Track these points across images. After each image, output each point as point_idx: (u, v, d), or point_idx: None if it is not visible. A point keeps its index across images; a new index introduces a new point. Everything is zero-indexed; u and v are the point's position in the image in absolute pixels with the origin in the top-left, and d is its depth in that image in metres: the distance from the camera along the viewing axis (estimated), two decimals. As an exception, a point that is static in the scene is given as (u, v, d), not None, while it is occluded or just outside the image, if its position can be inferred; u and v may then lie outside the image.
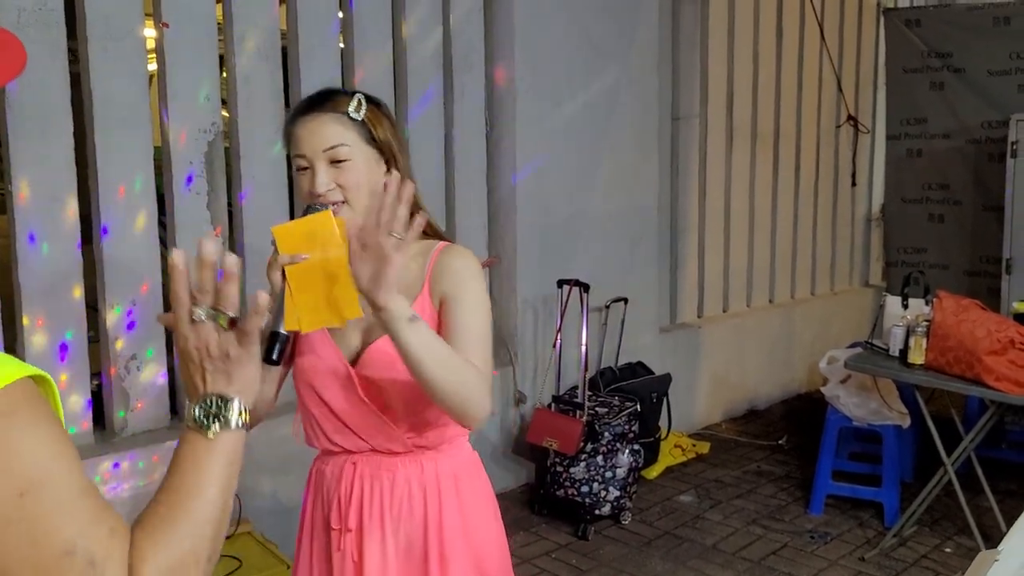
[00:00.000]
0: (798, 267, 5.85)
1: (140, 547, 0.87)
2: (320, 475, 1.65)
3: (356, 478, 1.57)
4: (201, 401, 0.96)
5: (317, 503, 1.64)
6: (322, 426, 1.59)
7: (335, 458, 1.60)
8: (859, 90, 6.10)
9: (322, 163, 1.48)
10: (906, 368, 3.42)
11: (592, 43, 4.18)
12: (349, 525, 1.57)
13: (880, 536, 3.70)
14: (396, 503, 1.57)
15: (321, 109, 1.51)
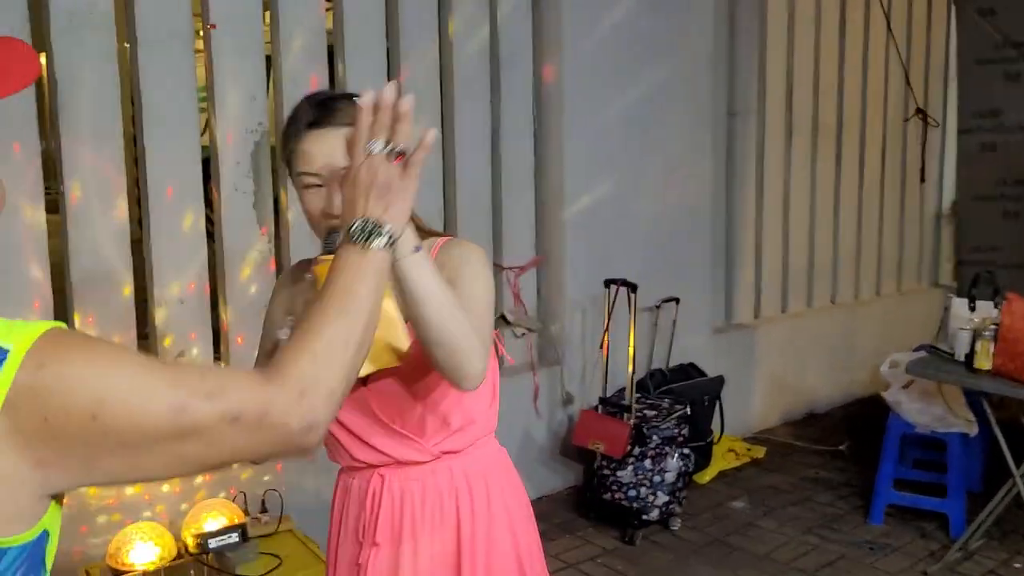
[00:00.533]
0: (862, 266, 5.66)
1: (286, 348, 0.95)
2: (346, 489, 1.62)
3: (385, 491, 1.53)
4: (360, 220, 1.08)
5: (346, 516, 1.61)
6: (343, 444, 1.55)
7: (361, 473, 1.57)
8: (928, 82, 5.87)
9: (340, 183, 1.32)
10: (972, 374, 3.25)
11: (642, 38, 4.09)
12: (377, 539, 1.54)
13: (944, 549, 3.54)
14: (429, 512, 1.54)
15: (332, 122, 1.38)
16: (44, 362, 0.80)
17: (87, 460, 0.83)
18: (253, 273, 3.31)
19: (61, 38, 2.87)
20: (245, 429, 0.87)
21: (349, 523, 1.58)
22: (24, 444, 0.79)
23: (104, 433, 0.81)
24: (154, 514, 3.01)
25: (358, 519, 1.56)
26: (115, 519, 2.95)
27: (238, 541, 2.77)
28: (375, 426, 1.51)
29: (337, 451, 1.59)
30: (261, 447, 0.90)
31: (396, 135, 1.14)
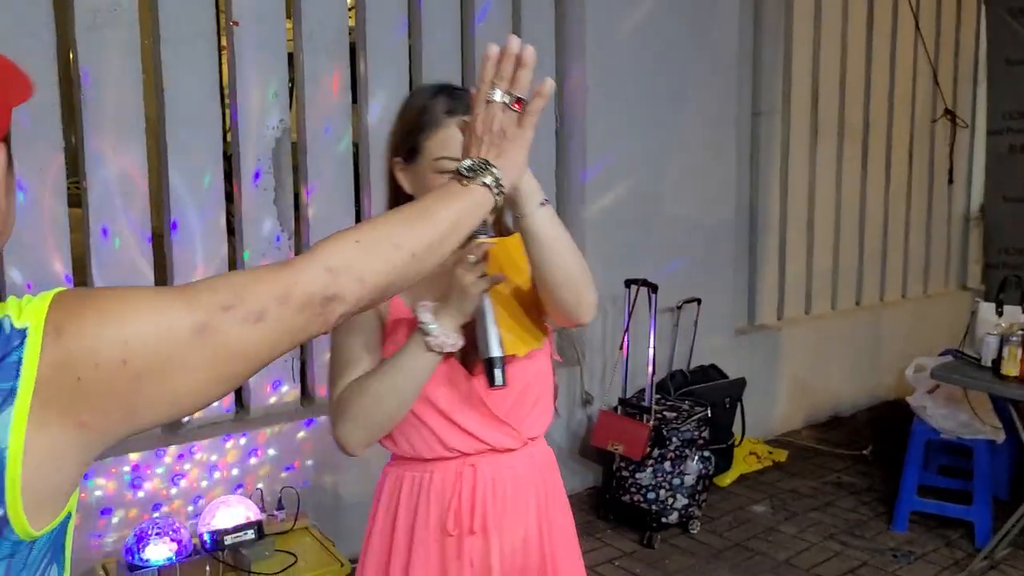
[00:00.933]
0: (888, 268, 5.58)
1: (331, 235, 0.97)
2: (418, 483, 1.55)
3: (479, 479, 1.54)
4: (471, 160, 1.15)
5: (422, 510, 1.55)
6: (436, 433, 1.52)
7: (446, 463, 1.54)
8: (957, 83, 5.78)
9: None
10: (998, 380, 3.19)
11: (666, 38, 4.05)
12: (475, 528, 1.53)
13: (969, 558, 3.47)
14: (519, 498, 1.56)
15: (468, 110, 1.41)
16: (61, 328, 0.80)
17: (128, 407, 0.83)
18: (273, 270, 3.31)
19: (85, 35, 2.88)
20: (273, 320, 0.88)
21: (431, 515, 1.54)
22: (64, 411, 0.80)
23: (137, 375, 0.82)
24: (170, 510, 3.02)
25: (446, 509, 1.53)
26: (131, 515, 2.96)
27: (254, 538, 2.77)
28: (476, 413, 1.52)
29: (420, 441, 1.53)
30: (293, 330, 0.90)
31: (516, 84, 1.18)
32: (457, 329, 1.41)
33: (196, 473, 3.10)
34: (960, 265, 6.08)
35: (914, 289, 5.76)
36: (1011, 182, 5.51)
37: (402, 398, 1.43)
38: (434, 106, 1.48)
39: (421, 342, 1.40)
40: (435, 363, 1.42)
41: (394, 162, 1.52)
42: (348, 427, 1.44)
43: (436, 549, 1.54)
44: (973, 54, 5.81)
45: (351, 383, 1.45)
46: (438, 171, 1.44)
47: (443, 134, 1.45)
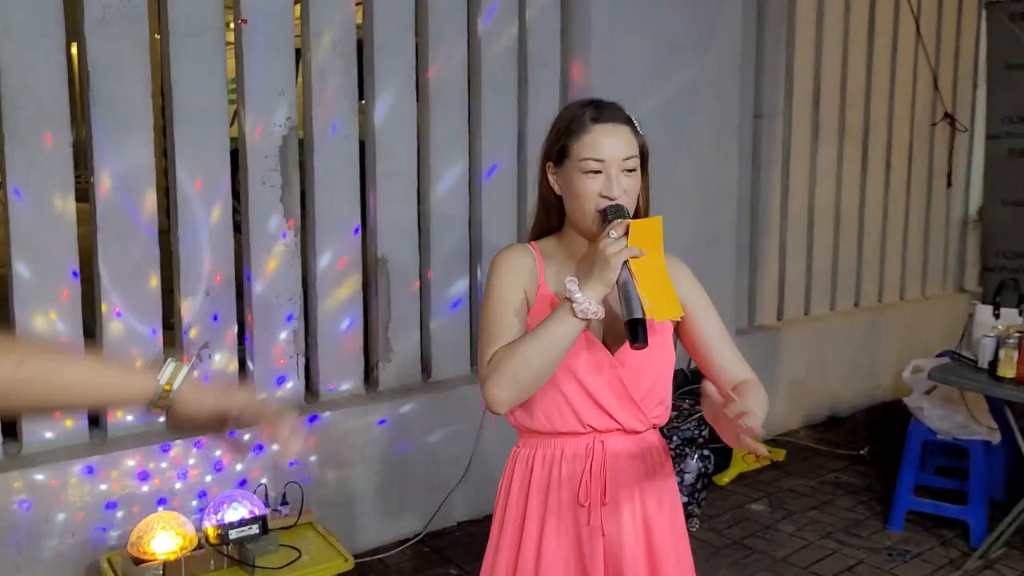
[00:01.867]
0: (887, 270, 5.62)
1: None
2: (550, 458, 1.69)
3: (608, 455, 1.67)
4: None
5: (554, 483, 1.69)
6: (575, 408, 1.66)
7: (578, 439, 1.68)
8: (957, 86, 5.82)
9: (616, 170, 1.63)
10: (995, 382, 3.23)
11: (671, 39, 4.07)
12: (607, 499, 1.67)
13: (964, 557, 3.51)
14: (642, 476, 1.70)
15: (623, 121, 1.67)
16: None
17: None
18: (279, 265, 3.34)
19: (95, 30, 2.90)
20: None
21: (563, 487, 1.68)
22: None
23: None
24: (175, 505, 3.04)
25: (577, 481, 1.67)
26: (136, 509, 2.98)
27: (258, 533, 2.80)
28: (615, 394, 1.66)
29: (559, 415, 1.66)
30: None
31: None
32: (600, 299, 1.54)
33: (201, 468, 3.12)
34: (958, 268, 6.12)
35: (912, 291, 5.80)
36: (1009, 186, 5.55)
37: (548, 359, 1.56)
38: (583, 114, 1.67)
39: (568, 309, 1.54)
40: (579, 329, 1.56)
41: (547, 166, 1.71)
42: (498, 386, 1.56)
43: (569, 518, 1.68)
44: (973, 58, 5.85)
45: (502, 347, 1.59)
46: (584, 171, 1.63)
47: (589, 138, 1.64)
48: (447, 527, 3.67)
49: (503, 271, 1.69)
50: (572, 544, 1.68)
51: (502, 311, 1.65)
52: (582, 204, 1.63)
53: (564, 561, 1.68)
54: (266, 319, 3.34)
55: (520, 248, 1.73)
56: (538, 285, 1.67)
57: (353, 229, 3.50)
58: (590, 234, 1.65)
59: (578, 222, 1.67)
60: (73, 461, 2.89)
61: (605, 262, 1.53)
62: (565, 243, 1.72)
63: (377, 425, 3.52)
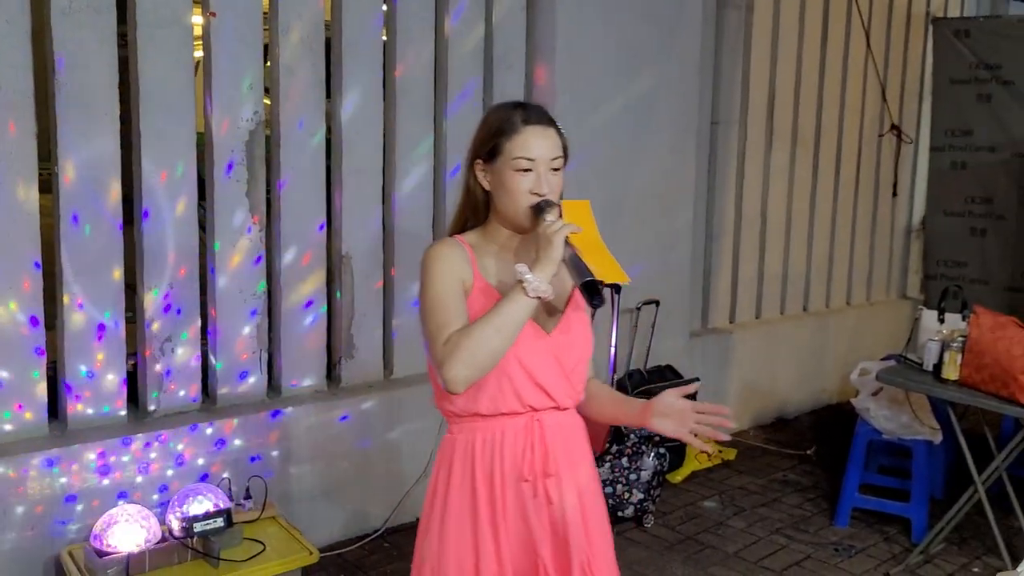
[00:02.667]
0: (834, 276, 5.79)
1: None
2: (490, 439, 1.78)
3: (547, 431, 1.80)
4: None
5: (497, 461, 1.78)
6: (517, 388, 1.76)
7: (516, 420, 1.78)
8: (904, 99, 6.02)
9: (545, 169, 1.74)
10: (939, 383, 3.37)
11: (633, 46, 4.16)
12: (550, 471, 1.78)
13: (906, 552, 3.66)
14: (575, 449, 1.84)
15: (550, 124, 1.78)
16: None
17: None
18: (243, 260, 3.33)
19: (61, 20, 2.87)
20: None
21: (506, 465, 1.78)
22: None
23: None
24: (136, 498, 3.02)
25: (520, 459, 1.78)
26: (96, 503, 2.96)
27: (223, 526, 2.80)
28: (551, 371, 1.78)
29: (501, 396, 1.76)
30: None
31: None
32: (549, 279, 1.66)
33: (162, 462, 3.11)
34: (901, 275, 6.32)
35: (858, 297, 5.98)
36: (951, 197, 5.77)
37: (504, 337, 1.66)
38: (514, 116, 1.77)
39: (520, 289, 1.65)
40: (532, 307, 1.67)
41: (475, 163, 1.80)
42: (457, 366, 1.63)
43: (515, 494, 1.79)
44: (919, 72, 6.05)
45: (456, 331, 1.66)
46: (516, 169, 1.73)
47: (521, 138, 1.74)
48: (407, 523, 3.69)
49: (441, 263, 1.76)
50: (520, 518, 1.79)
51: (447, 299, 1.72)
52: (514, 199, 1.74)
53: (516, 535, 1.79)
54: (229, 314, 3.34)
55: (451, 242, 1.81)
56: (473, 275, 1.77)
57: (318, 225, 3.51)
58: (519, 227, 1.77)
59: (509, 216, 1.77)
60: (32, 454, 2.86)
61: (548, 242, 1.65)
62: (491, 236, 1.82)
63: (339, 421, 3.54)
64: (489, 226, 1.83)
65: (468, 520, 1.79)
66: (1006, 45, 5.37)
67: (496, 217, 1.81)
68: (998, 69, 5.41)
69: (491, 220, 1.82)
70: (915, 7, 5.94)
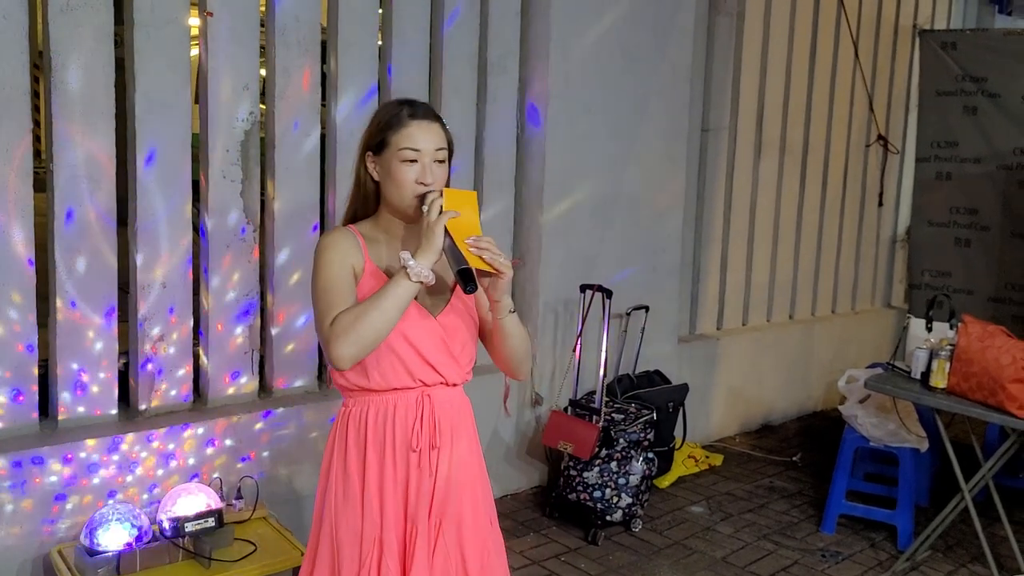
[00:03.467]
0: (820, 284, 5.84)
1: None
2: (382, 412, 1.90)
3: (436, 405, 1.92)
4: None
5: (389, 433, 1.90)
6: (407, 364, 1.88)
7: (408, 393, 1.91)
8: (891, 110, 6.09)
9: (430, 160, 1.86)
10: (927, 391, 3.41)
11: (625, 52, 4.19)
12: (436, 443, 1.91)
13: (892, 559, 3.69)
14: (460, 422, 1.97)
15: (435, 119, 1.90)
16: None
17: None
18: (235, 260, 3.33)
19: (58, 17, 2.86)
20: None
21: (397, 436, 1.90)
22: None
23: None
24: (125, 497, 3.01)
25: (409, 431, 1.90)
26: (86, 501, 2.94)
27: (214, 526, 2.79)
28: (438, 350, 1.90)
29: (392, 372, 1.88)
30: None
31: None
32: (431, 265, 1.78)
33: (152, 461, 3.10)
34: (886, 284, 6.38)
35: (843, 305, 6.03)
36: (935, 208, 5.82)
37: (387, 318, 1.78)
38: (401, 111, 1.89)
39: (404, 274, 1.77)
40: (414, 291, 1.80)
41: (366, 155, 1.92)
42: (343, 345, 1.76)
43: (402, 463, 1.91)
44: (906, 84, 6.12)
45: (343, 312, 1.78)
46: (402, 160, 1.85)
47: (406, 131, 1.86)
48: (396, 525, 3.70)
49: (332, 250, 1.87)
50: (403, 485, 1.90)
51: (336, 283, 1.83)
52: (401, 189, 1.86)
53: (397, 502, 1.91)
54: (222, 314, 3.33)
55: (343, 230, 1.92)
56: (364, 261, 1.88)
57: (312, 226, 3.51)
58: (407, 216, 1.89)
59: (396, 205, 1.88)
60: (22, 451, 2.84)
61: (429, 230, 1.78)
62: (382, 225, 1.94)
63: (330, 422, 3.53)
64: (379, 216, 1.94)
65: (357, 486, 1.90)
66: (992, 58, 5.43)
67: (385, 207, 1.92)
68: (984, 82, 5.48)
69: (381, 210, 1.93)
70: (902, 19, 6.01)
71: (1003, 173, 5.48)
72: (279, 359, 3.49)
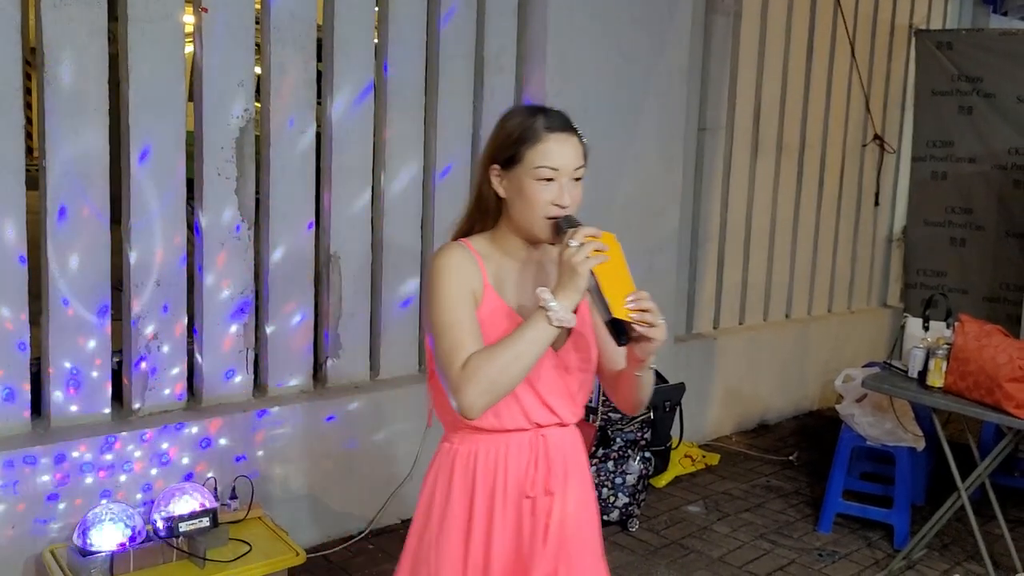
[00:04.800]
0: (816, 284, 5.83)
1: None
2: (493, 454, 1.75)
3: (552, 448, 1.76)
4: None
5: (501, 476, 1.74)
6: (524, 406, 1.73)
7: (521, 435, 1.75)
8: (887, 110, 6.08)
9: (567, 179, 1.69)
10: (924, 391, 3.40)
11: (623, 52, 4.18)
12: (550, 488, 1.75)
13: (889, 558, 3.68)
14: (574, 463, 1.81)
15: (572, 131, 1.72)
16: None
17: None
18: (231, 259, 3.31)
19: (50, 12, 2.84)
20: None
21: (509, 481, 1.75)
22: None
23: None
24: (118, 497, 2.99)
25: (523, 476, 1.75)
26: (79, 502, 2.92)
27: (209, 526, 2.77)
28: (557, 390, 1.75)
29: (508, 413, 1.72)
30: None
31: None
32: (573, 308, 1.60)
33: (146, 461, 3.07)
34: (882, 283, 6.38)
35: (839, 305, 6.03)
36: (931, 207, 5.84)
37: (523, 365, 1.61)
38: (536, 122, 1.69)
39: (544, 317, 1.58)
40: (553, 336, 1.62)
41: (491, 169, 1.73)
42: (474, 393, 1.58)
43: (513, 510, 1.75)
44: (902, 83, 6.12)
45: (474, 355, 1.60)
46: (537, 179, 1.67)
47: (543, 147, 1.67)
48: (392, 524, 3.68)
49: (453, 274, 1.68)
50: (515, 535, 1.75)
51: (460, 315, 1.65)
52: (532, 210, 1.68)
53: (508, 552, 1.75)
54: (216, 312, 3.31)
55: (459, 248, 1.73)
56: (483, 285, 1.71)
57: (307, 224, 3.49)
58: (532, 237, 1.72)
59: (523, 226, 1.71)
60: (14, 451, 2.81)
61: (573, 271, 1.59)
62: (499, 242, 1.75)
63: (325, 421, 3.51)
64: (498, 232, 1.76)
65: (462, 532, 1.75)
66: (987, 58, 5.44)
67: (508, 224, 1.74)
68: (979, 81, 5.49)
69: (501, 227, 1.75)
70: (899, 19, 6.01)
71: (998, 173, 5.49)
72: (274, 358, 3.47)
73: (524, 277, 1.76)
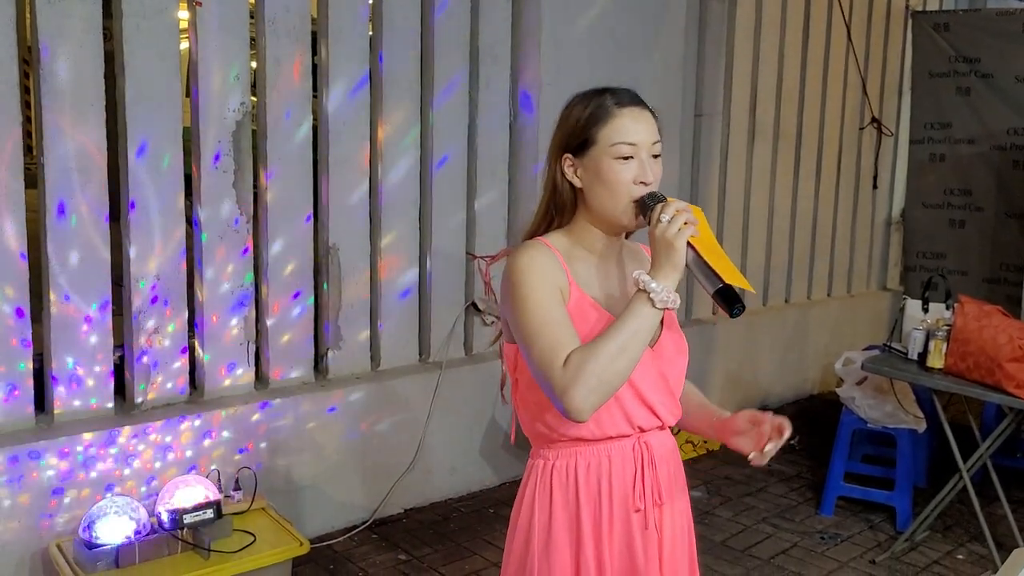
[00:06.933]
0: (816, 268, 5.84)
1: None
2: (594, 464, 1.63)
3: (656, 455, 1.65)
4: None
5: (605, 487, 1.63)
6: (626, 409, 1.61)
7: (623, 442, 1.63)
8: (884, 93, 6.08)
9: (647, 154, 1.58)
10: (925, 372, 3.41)
11: (617, 39, 4.17)
12: (661, 499, 1.64)
13: (891, 540, 3.70)
14: (677, 470, 1.71)
15: (646, 107, 1.62)
16: None
17: None
18: (230, 252, 3.32)
19: (45, 9, 2.84)
20: None
21: (615, 494, 1.63)
22: None
23: None
24: (123, 491, 3.00)
25: (630, 487, 1.63)
26: (84, 495, 2.94)
27: (213, 517, 2.79)
28: (657, 388, 1.63)
29: (609, 419, 1.60)
30: None
31: None
32: (675, 286, 1.49)
33: (149, 454, 3.09)
34: (881, 267, 6.39)
35: (838, 289, 6.03)
36: (930, 189, 5.82)
37: (631, 358, 1.49)
38: (604, 101, 1.60)
39: (646, 300, 1.48)
40: (657, 321, 1.52)
41: (564, 158, 1.62)
42: (584, 393, 1.46)
43: (622, 525, 1.63)
44: (899, 66, 6.11)
45: (574, 352, 1.48)
46: (615, 157, 1.57)
47: (618, 123, 1.58)
48: (394, 514, 3.70)
49: (538, 272, 1.56)
50: (628, 553, 1.63)
51: (553, 314, 1.53)
52: (615, 192, 1.57)
53: (623, 571, 1.64)
54: (217, 306, 3.32)
55: (540, 246, 1.60)
56: (568, 282, 1.59)
57: (305, 217, 3.50)
58: (616, 227, 1.61)
59: (606, 214, 1.59)
60: (18, 446, 2.83)
61: (669, 246, 1.48)
62: (576, 237, 1.64)
63: (327, 413, 3.53)
64: (575, 227, 1.64)
65: (570, 555, 1.63)
66: (985, 39, 5.42)
67: (587, 217, 1.62)
68: (977, 62, 5.47)
69: (578, 221, 1.64)
70: (895, 1, 5.99)
71: (997, 154, 5.48)
72: (275, 350, 3.49)
73: (606, 271, 1.65)
